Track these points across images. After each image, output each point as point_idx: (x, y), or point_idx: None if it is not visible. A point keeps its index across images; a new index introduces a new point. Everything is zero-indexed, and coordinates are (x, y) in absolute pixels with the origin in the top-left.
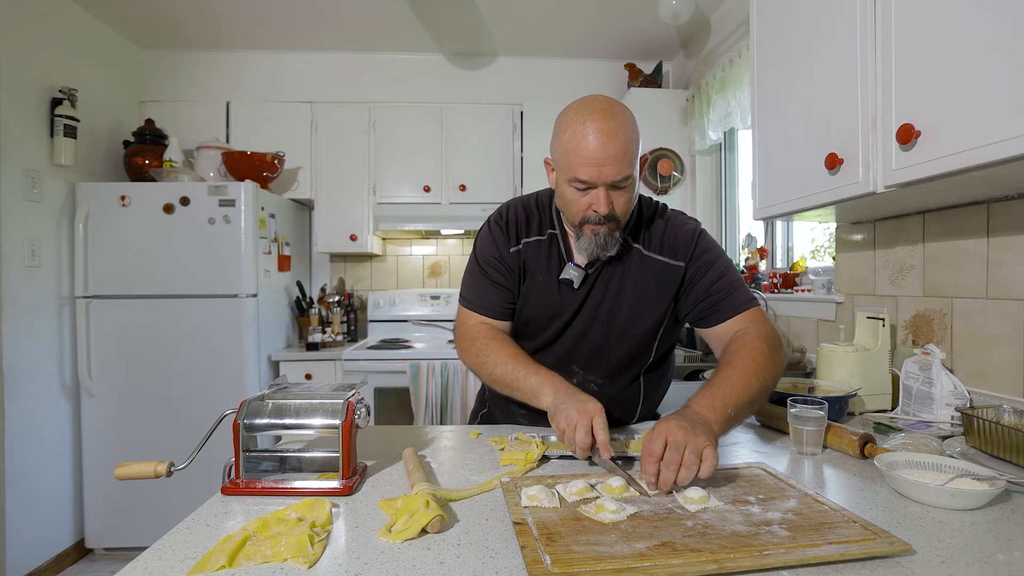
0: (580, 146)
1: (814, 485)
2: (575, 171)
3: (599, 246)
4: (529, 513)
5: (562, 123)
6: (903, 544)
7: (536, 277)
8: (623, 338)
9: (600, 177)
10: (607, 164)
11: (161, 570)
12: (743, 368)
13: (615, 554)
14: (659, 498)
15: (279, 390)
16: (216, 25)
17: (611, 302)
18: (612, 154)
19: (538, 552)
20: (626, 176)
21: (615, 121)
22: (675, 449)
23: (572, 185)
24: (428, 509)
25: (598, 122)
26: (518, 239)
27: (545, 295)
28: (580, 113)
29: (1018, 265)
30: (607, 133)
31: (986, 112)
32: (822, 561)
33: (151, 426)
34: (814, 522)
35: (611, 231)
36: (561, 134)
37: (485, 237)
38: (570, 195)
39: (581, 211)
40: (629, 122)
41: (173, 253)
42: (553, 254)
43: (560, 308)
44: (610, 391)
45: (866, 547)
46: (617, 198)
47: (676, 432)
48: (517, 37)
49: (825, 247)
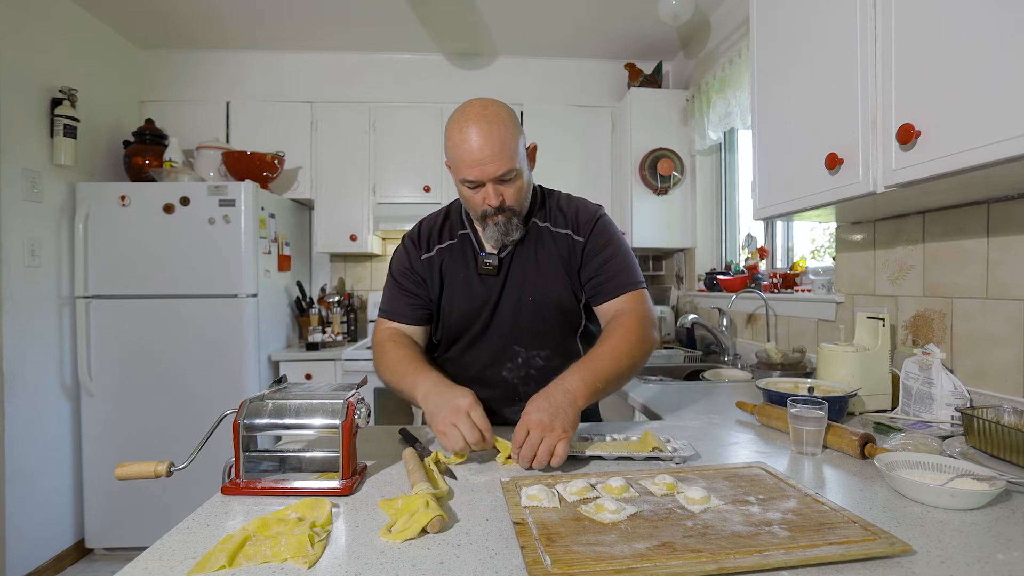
0: (462, 150)
1: (814, 485)
2: (462, 172)
3: (502, 233)
4: (529, 513)
5: (447, 130)
6: (903, 544)
7: (457, 275)
8: (549, 308)
9: (484, 175)
10: (488, 163)
11: (161, 570)
12: (615, 345)
13: (615, 554)
14: (659, 499)
15: (279, 390)
16: (216, 25)
17: (531, 278)
18: (490, 153)
19: (538, 552)
20: (508, 170)
21: (489, 123)
22: (530, 446)
23: (464, 185)
24: (428, 509)
25: (474, 126)
26: (430, 247)
27: (469, 288)
28: (458, 120)
29: (1018, 265)
30: (483, 136)
31: (986, 112)
32: (822, 561)
33: (151, 426)
34: (814, 522)
35: (509, 219)
36: (447, 141)
37: (398, 251)
38: (466, 193)
39: (478, 206)
40: (504, 120)
41: (173, 253)
42: (468, 251)
43: (486, 295)
44: (555, 362)
45: (866, 547)
46: (506, 190)
47: (535, 427)
48: (517, 37)
49: (825, 247)
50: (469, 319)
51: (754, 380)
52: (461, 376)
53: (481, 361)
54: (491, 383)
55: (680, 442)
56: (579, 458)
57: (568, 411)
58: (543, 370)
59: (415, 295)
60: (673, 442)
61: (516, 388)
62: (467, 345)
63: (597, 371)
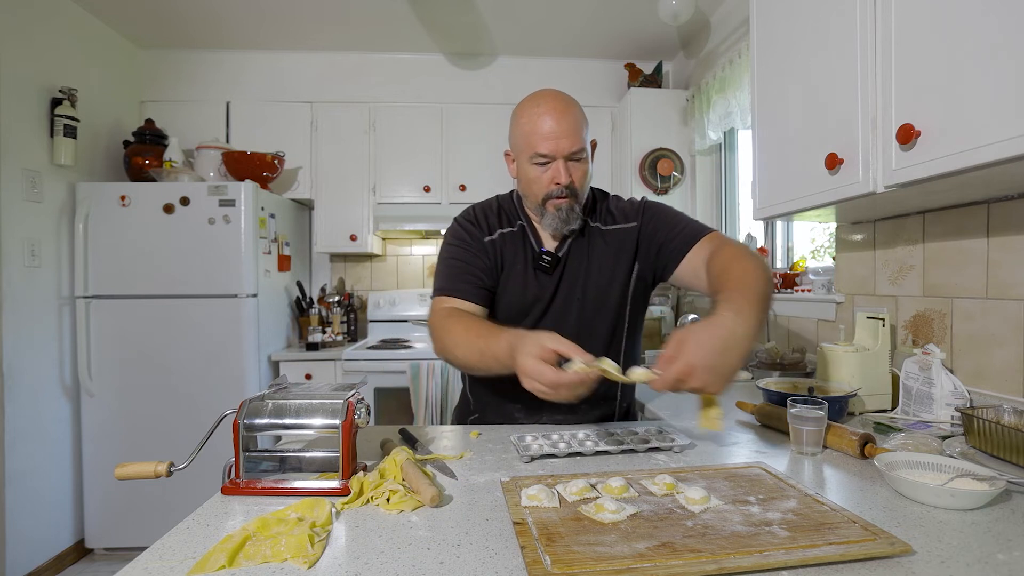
0: (537, 125)
1: (814, 485)
2: (536, 146)
3: (562, 220)
4: (529, 513)
5: (519, 112)
6: (903, 544)
7: (514, 266)
8: (600, 310)
9: (558, 149)
10: (563, 137)
11: (161, 570)
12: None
13: (615, 554)
14: (660, 499)
15: (279, 390)
16: (216, 25)
17: (582, 277)
18: (566, 128)
19: (538, 552)
20: (580, 148)
21: (565, 103)
22: (677, 382)
23: (533, 163)
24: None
25: (551, 103)
26: (491, 230)
27: (524, 282)
28: (535, 99)
29: (1018, 265)
30: (560, 111)
31: (986, 112)
32: (822, 561)
33: (151, 426)
34: (814, 522)
35: (571, 205)
36: (519, 119)
37: (456, 231)
38: (533, 173)
39: (544, 187)
40: (577, 106)
41: (173, 253)
42: (526, 243)
43: (539, 292)
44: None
45: (866, 548)
46: (575, 170)
47: (689, 370)
48: (517, 37)
49: (825, 247)
50: (519, 314)
51: (754, 380)
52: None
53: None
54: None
55: (675, 433)
56: (584, 453)
57: (734, 371)
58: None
59: (477, 274)
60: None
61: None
62: None
63: (751, 300)
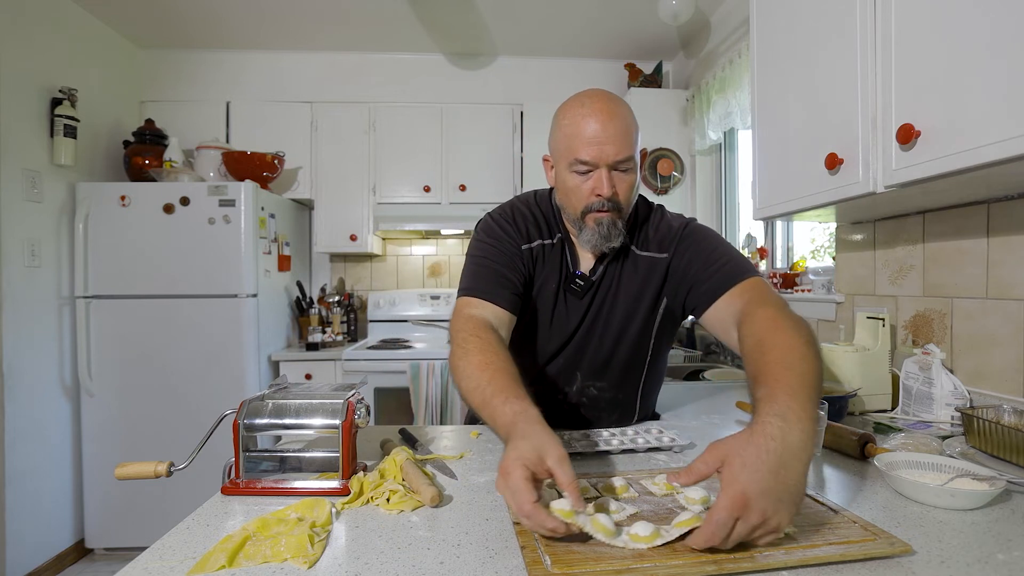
0: (580, 128)
1: (814, 485)
2: (577, 152)
3: (602, 236)
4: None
5: (561, 113)
6: (903, 545)
7: (548, 285)
8: (621, 340)
9: (601, 156)
10: (608, 143)
11: (161, 570)
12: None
13: (615, 554)
14: (660, 499)
15: (279, 390)
16: (216, 25)
17: (608, 305)
18: (612, 133)
19: (538, 552)
20: (627, 157)
21: (613, 104)
22: (724, 535)
23: (574, 170)
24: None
25: (597, 104)
26: (530, 238)
27: (554, 303)
28: (579, 99)
29: (1018, 265)
30: (606, 113)
31: (986, 112)
32: (822, 561)
33: (151, 426)
34: (814, 523)
35: (614, 220)
36: (561, 121)
37: (490, 230)
38: (572, 182)
39: (584, 198)
40: (627, 109)
41: (173, 253)
42: (563, 260)
43: (566, 317)
44: (609, 394)
45: (866, 548)
46: (619, 181)
47: (746, 513)
48: (517, 37)
49: (825, 247)
50: (542, 337)
51: None
52: None
53: (537, 381)
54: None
55: (673, 432)
56: (585, 454)
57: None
58: (595, 399)
59: (511, 278)
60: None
61: (562, 414)
62: (525, 361)
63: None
